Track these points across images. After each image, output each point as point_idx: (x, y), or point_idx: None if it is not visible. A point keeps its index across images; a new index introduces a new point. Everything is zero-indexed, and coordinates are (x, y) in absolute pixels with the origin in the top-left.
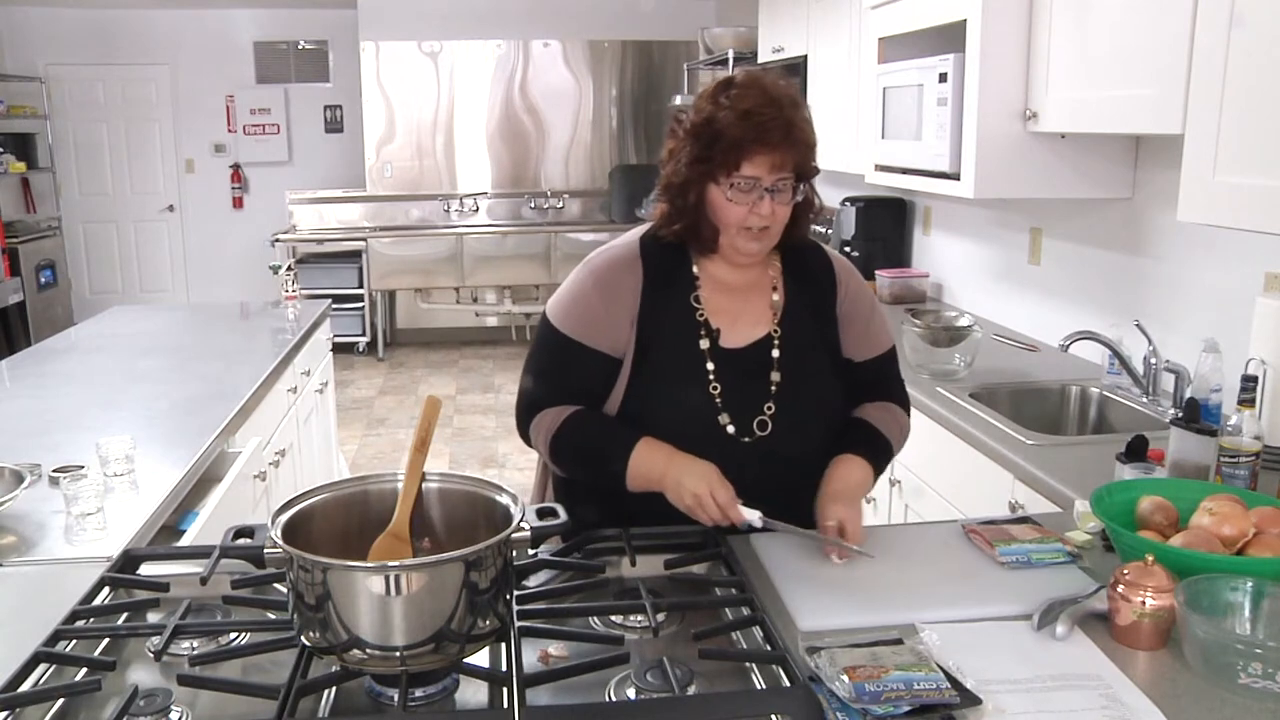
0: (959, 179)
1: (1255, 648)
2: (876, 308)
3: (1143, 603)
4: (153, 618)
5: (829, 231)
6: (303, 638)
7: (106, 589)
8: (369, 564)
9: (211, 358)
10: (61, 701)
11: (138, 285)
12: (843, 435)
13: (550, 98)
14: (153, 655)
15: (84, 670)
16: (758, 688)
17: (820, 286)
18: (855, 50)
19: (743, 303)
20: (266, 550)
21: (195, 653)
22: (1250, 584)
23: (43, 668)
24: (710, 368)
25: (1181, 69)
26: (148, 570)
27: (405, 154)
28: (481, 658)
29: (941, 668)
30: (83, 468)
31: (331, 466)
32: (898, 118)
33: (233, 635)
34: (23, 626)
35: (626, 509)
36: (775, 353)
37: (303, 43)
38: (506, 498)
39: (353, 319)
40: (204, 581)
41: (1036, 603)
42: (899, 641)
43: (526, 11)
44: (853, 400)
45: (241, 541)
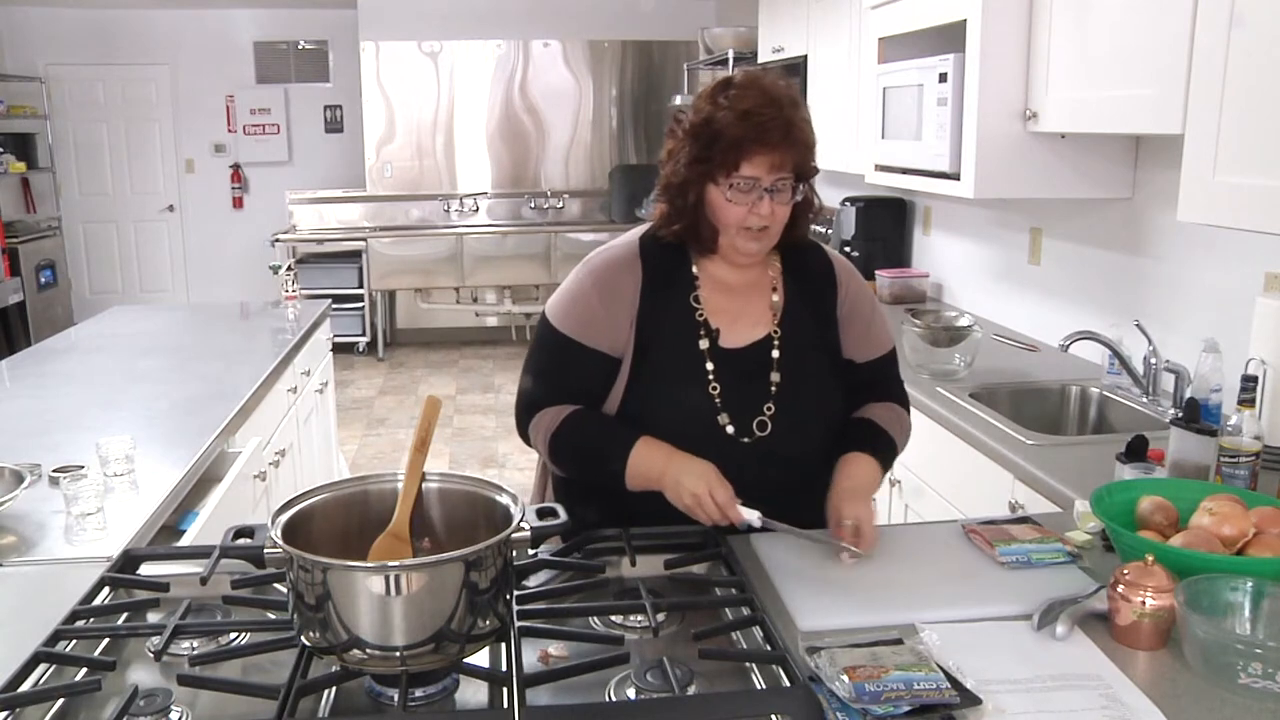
0: (959, 179)
1: (1255, 648)
2: (877, 308)
3: (1143, 603)
4: (153, 618)
5: (829, 231)
6: (303, 638)
7: (106, 589)
8: (369, 564)
9: (211, 358)
10: (61, 701)
11: (138, 285)
12: (849, 433)
13: (550, 98)
14: (153, 655)
15: (84, 670)
16: (758, 688)
17: (820, 287)
18: (855, 50)
19: (742, 303)
20: (266, 550)
21: (195, 653)
22: (1250, 584)
23: (43, 668)
24: (710, 368)
25: (1181, 69)
26: (148, 570)
27: (405, 154)
28: (481, 658)
29: (941, 668)
30: (83, 468)
31: (331, 466)
32: (898, 118)
33: (233, 635)
34: (23, 626)
35: (626, 509)
36: (775, 353)
37: (303, 43)
38: (506, 498)
39: (353, 319)
40: (204, 581)
41: (1036, 603)
42: (899, 641)
43: (526, 11)
44: (853, 401)
45: (241, 541)
